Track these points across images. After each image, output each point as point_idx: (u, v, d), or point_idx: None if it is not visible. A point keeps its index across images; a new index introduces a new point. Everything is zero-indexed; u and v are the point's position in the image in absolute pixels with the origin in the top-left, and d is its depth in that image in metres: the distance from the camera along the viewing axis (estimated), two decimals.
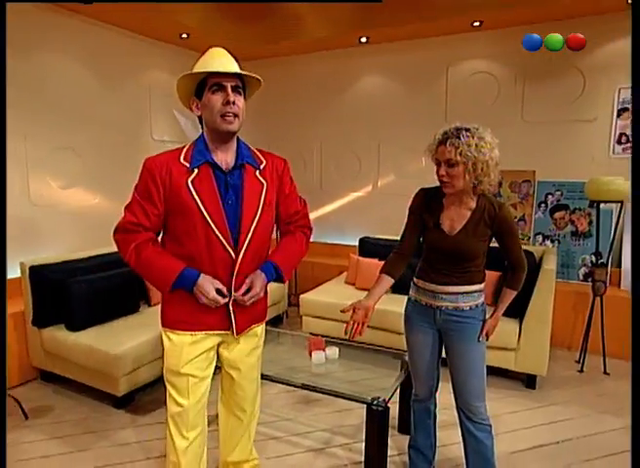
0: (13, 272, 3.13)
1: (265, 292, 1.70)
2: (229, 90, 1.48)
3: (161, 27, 3.82)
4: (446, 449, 2.36)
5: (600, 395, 2.98)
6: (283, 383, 2.36)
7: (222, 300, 1.55)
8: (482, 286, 1.86)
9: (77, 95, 3.56)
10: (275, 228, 1.77)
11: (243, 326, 1.67)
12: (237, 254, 1.57)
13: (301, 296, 3.65)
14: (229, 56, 1.54)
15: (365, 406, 2.05)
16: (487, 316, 1.90)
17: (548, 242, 3.90)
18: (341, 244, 4.92)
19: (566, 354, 3.55)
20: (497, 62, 4.01)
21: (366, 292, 1.93)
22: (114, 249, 3.78)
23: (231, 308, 1.61)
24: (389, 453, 2.17)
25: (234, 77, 1.50)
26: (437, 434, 2.15)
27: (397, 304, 3.24)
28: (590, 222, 3.74)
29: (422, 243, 1.94)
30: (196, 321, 1.61)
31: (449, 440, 2.40)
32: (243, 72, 1.51)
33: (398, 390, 2.35)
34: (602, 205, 3.24)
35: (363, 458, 2.11)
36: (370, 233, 4.26)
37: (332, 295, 3.60)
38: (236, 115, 1.50)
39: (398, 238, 2.44)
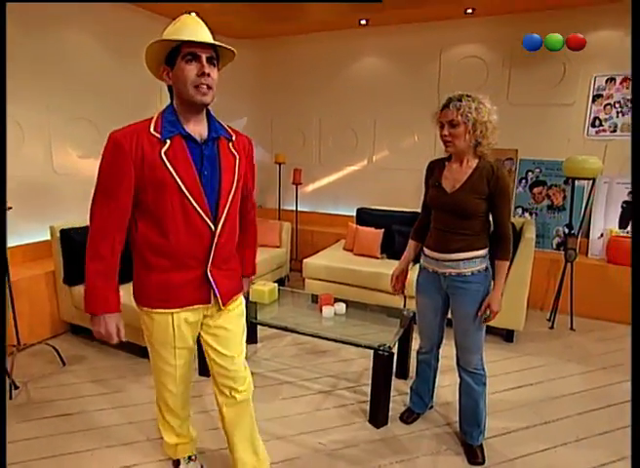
0: (42, 235, 3.35)
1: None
2: (204, 60, 1.41)
3: (171, 5, 3.94)
4: (443, 390, 2.75)
5: (567, 347, 3.43)
6: (301, 334, 2.66)
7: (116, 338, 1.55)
8: (484, 252, 1.99)
9: (92, 68, 3.69)
10: None
11: (228, 297, 1.67)
12: (216, 226, 1.54)
13: (305, 261, 3.96)
14: (204, 25, 1.45)
15: (372, 352, 2.36)
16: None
17: (527, 214, 4.31)
18: (337, 214, 5.24)
19: (539, 314, 4.00)
20: (486, 48, 4.29)
21: (363, 257, 2.26)
22: None
23: (212, 279, 1.59)
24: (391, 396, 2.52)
25: (209, 48, 1.42)
26: (436, 382, 2.48)
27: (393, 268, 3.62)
28: (564, 197, 4.15)
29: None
30: (175, 297, 1.57)
31: (446, 382, 2.80)
32: (219, 43, 1.44)
33: (397, 342, 2.71)
34: (577, 181, 3.62)
35: (369, 398, 2.45)
36: (364, 204, 4.58)
37: (332, 260, 3.93)
38: (210, 87, 1.44)
39: (393, 209, 2.53)
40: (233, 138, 1.61)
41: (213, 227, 1.53)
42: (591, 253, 4.04)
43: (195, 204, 1.48)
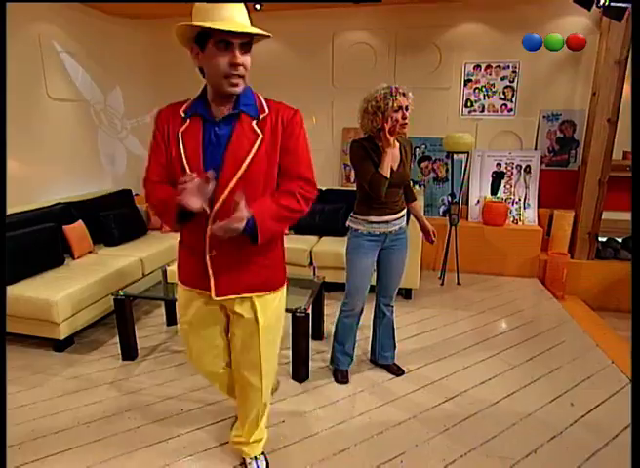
0: None
1: (272, 258, 1.64)
2: (237, 49, 1.35)
3: None
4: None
5: (455, 298, 4.00)
6: None
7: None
8: None
9: None
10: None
11: (225, 290, 1.60)
12: (211, 211, 1.44)
13: None
14: (241, 4, 1.35)
15: (290, 316, 2.57)
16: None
17: (417, 186, 4.83)
18: None
19: (431, 273, 4.56)
20: (373, 35, 4.66)
21: None
22: (32, 206, 3.83)
23: (209, 265, 1.56)
24: (310, 355, 2.77)
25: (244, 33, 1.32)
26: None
27: (301, 243, 3.90)
28: (447, 170, 4.72)
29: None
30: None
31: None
32: (255, 31, 1.34)
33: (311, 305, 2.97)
34: (455, 155, 4.16)
35: (290, 358, 2.71)
36: None
37: None
38: (241, 76, 1.39)
39: None
40: (261, 116, 1.49)
41: (208, 211, 1.42)
42: (471, 218, 4.68)
43: None
